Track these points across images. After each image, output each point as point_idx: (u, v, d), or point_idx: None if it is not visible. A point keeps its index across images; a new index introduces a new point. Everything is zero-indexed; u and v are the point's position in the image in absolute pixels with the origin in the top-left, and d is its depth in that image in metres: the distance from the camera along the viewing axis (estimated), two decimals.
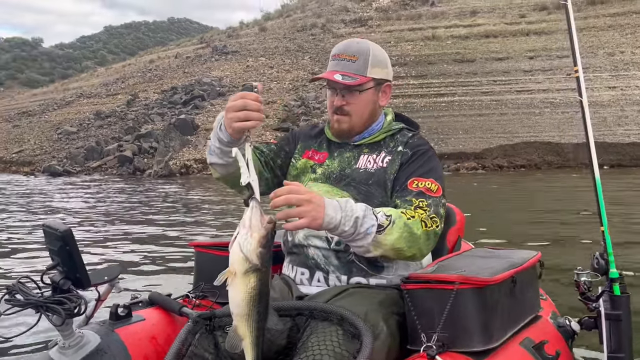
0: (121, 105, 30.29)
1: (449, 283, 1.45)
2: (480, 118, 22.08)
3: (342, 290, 1.60)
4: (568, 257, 5.39)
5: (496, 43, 28.58)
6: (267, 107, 26.19)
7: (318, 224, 1.39)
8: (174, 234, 7.64)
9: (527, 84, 24.43)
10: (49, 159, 25.77)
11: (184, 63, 36.25)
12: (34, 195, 14.43)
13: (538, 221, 8.26)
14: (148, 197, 13.07)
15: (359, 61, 1.70)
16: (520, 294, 1.67)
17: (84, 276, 1.52)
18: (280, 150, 1.89)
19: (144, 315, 1.83)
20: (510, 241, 6.51)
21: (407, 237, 1.49)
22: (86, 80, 45.55)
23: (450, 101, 23.73)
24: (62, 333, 1.56)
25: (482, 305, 1.46)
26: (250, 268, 1.30)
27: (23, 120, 35.03)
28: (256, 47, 34.85)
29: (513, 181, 15.79)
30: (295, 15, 41.28)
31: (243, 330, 1.33)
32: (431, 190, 1.61)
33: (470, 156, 19.83)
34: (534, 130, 20.58)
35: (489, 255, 1.84)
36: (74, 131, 28.39)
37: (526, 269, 1.72)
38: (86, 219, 9.48)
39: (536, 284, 1.88)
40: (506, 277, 1.54)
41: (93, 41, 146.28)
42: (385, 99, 1.81)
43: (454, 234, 2.09)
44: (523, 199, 11.78)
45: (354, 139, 1.78)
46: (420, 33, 31.20)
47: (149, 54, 49.75)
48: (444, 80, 25.74)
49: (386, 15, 34.99)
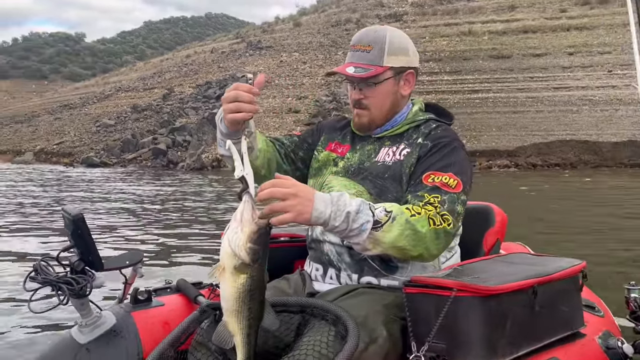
0: (157, 99, 30.95)
1: (446, 289, 1.33)
2: (514, 115, 21.63)
3: (351, 289, 1.55)
4: (620, 269, 4.90)
5: (534, 39, 27.92)
6: (299, 102, 26.30)
7: (305, 218, 1.32)
8: (209, 224, 7.83)
9: (566, 81, 23.80)
10: (87, 150, 26.58)
11: (219, 58, 36.73)
12: (74, 184, 14.92)
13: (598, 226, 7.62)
14: (181, 189, 13.36)
15: (374, 51, 1.61)
16: (546, 306, 1.48)
17: (97, 259, 1.56)
18: (303, 142, 1.83)
19: (164, 301, 1.84)
20: (578, 242, 5.97)
21: (410, 235, 1.39)
22: (125, 75, 46.71)
23: (485, 98, 23.33)
24: (80, 312, 1.62)
25: (484, 316, 1.32)
26: (239, 264, 1.26)
27: (64, 113, 36.20)
28: (290, 42, 35.02)
29: (565, 181, 14.91)
30: (330, 10, 41.29)
31: (233, 326, 1.30)
32: (448, 185, 1.48)
33: (502, 154, 19.47)
34: (570, 128, 20.06)
35: (521, 261, 1.66)
36: (112, 124, 29.18)
37: (557, 279, 1.52)
38: (123, 207, 9.77)
39: (576, 297, 1.64)
40: (519, 287, 1.38)
41: (133, 36, 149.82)
42: (409, 87, 1.68)
43: (492, 236, 1.92)
44: (590, 200, 11.07)
45: (375, 132, 1.69)
46: (456, 28, 30.76)
47: (186, 49, 50.65)
48: (478, 76, 25.31)
49: (422, 10, 34.63)
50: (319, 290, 1.63)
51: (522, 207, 9.78)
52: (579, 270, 1.62)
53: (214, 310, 1.57)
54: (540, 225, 7.72)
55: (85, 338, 1.61)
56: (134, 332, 1.67)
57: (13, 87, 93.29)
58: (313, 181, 1.73)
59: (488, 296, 1.31)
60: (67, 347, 1.63)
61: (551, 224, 7.94)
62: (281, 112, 25.68)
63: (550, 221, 8.23)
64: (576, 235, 6.84)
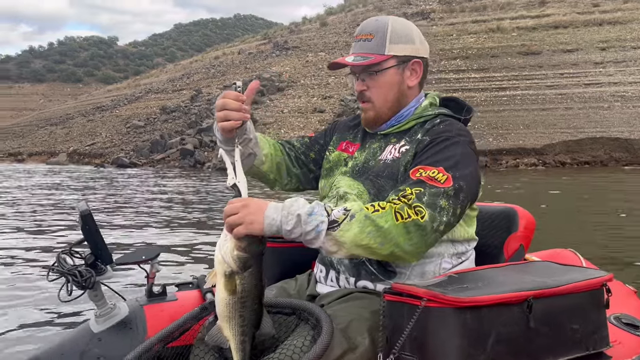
0: (185, 100, 31.44)
1: (417, 298, 1.25)
2: (543, 112, 21.19)
3: (346, 294, 1.52)
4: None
5: (565, 34, 27.29)
6: (324, 102, 26.33)
7: (258, 228, 1.29)
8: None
9: (597, 77, 23.19)
10: (117, 151, 27.20)
11: (246, 59, 37.08)
12: (105, 184, 15.30)
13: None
14: (208, 188, 13.57)
15: (375, 39, 1.54)
16: (547, 323, 1.33)
17: (105, 253, 1.67)
18: (314, 143, 1.80)
19: (180, 296, 1.88)
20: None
21: (373, 232, 1.30)
22: (155, 77, 47.58)
23: (512, 95, 22.92)
24: (95, 303, 1.72)
25: (458, 329, 1.22)
26: (229, 271, 1.27)
27: (96, 115, 37.11)
28: (316, 42, 35.10)
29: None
30: (357, 9, 41.21)
31: (227, 332, 1.31)
32: (436, 179, 1.37)
33: (530, 152, 19.11)
34: (601, 126, 19.55)
35: (536, 271, 1.49)
36: (141, 125, 29.77)
37: (561, 293, 1.35)
38: (153, 206, 10.00)
39: (595, 314, 1.44)
40: (504, 299, 1.25)
41: (164, 38, 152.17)
42: (416, 78, 1.58)
43: (515, 242, 1.77)
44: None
45: (381, 128, 1.61)
46: (484, 25, 30.29)
47: (214, 50, 51.29)
48: (506, 73, 24.89)
49: (449, 8, 34.21)
50: (320, 292, 1.62)
51: (579, 209, 9.11)
52: (599, 284, 1.42)
53: (215, 308, 1.57)
54: (601, 231, 7.00)
55: (98, 327, 1.71)
56: (142, 325, 1.73)
57: (49, 90, 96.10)
58: (324, 182, 1.70)
59: (462, 308, 1.21)
60: (82, 335, 1.72)
61: (612, 229, 7.19)
62: (306, 111, 25.77)
63: (611, 225, 7.48)
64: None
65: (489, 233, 1.80)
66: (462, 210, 1.42)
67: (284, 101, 27.49)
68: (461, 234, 1.52)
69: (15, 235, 6.95)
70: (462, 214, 1.44)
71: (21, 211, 9.48)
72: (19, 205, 10.32)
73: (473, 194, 1.46)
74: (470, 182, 1.42)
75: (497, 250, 1.76)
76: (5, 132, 48.40)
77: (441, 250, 1.49)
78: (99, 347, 1.66)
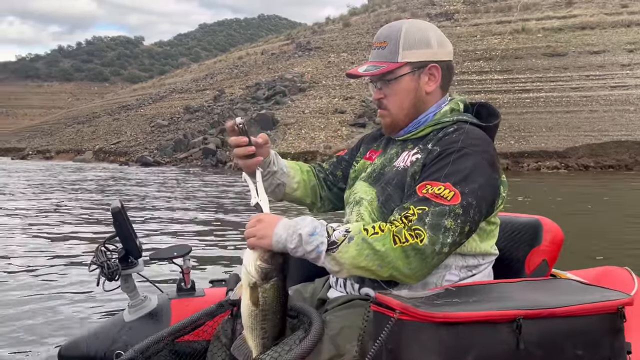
0: (209, 100, 31.78)
1: (391, 309, 1.21)
2: (566, 115, 20.87)
3: (347, 300, 1.53)
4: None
5: (592, 35, 26.82)
6: (345, 102, 26.36)
7: (267, 243, 1.34)
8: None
9: (624, 79, 22.74)
10: (141, 150, 27.64)
11: (269, 59, 37.29)
12: (129, 182, 15.62)
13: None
14: (230, 187, 13.73)
15: (389, 46, 1.52)
16: (541, 347, 1.23)
17: (134, 248, 1.80)
18: (341, 161, 1.82)
19: (207, 292, 1.94)
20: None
21: (370, 255, 1.29)
22: (180, 76, 48.16)
23: (536, 97, 22.63)
24: (128, 294, 1.86)
25: (432, 346, 1.17)
26: (252, 282, 1.32)
27: (122, 114, 37.76)
28: (339, 42, 35.12)
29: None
30: (380, 10, 41.07)
31: (250, 342, 1.35)
32: (442, 196, 1.33)
33: (552, 155, 18.84)
34: (626, 129, 19.16)
35: (548, 289, 1.39)
36: (165, 124, 30.22)
37: (559, 315, 1.24)
38: (178, 205, 10.19)
39: (608, 340, 1.31)
40: (484, 317, 1.18)
41: (189, 39, 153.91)
42: (434, 83, 1.53)
43: (537, 256, 1.68)
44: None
45: (399, 134, 1.59)
46: (509, 26, 29.93)
47: (238, 50, 51.66)
48: (530, 75, 24.57)
49: (474, 8, 33.90)
50: (329, 297, 1.64)
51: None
52: (614, 308, 1.27)
53: (231, 306, 1.59)
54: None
55: (130, 317, 1.85)
56: (167, 317, 1.84)
57: (77, 89, 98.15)
58: (348, 191, 1.68)
59: (437, 323, 1.16)
60: (115, 323, 1.86)
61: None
62: (327, 112, 25.83)
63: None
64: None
65: (511, 246, 1.74)
66: (473, 226, 1.37)
67: (305, 102, 27.60)
68: (472, 248, 1.46)
69: (62, 229, 7.22)
70: (474, 230, 1.38)
71: (64, 204, 9.89)
72: (61, 200, 10.73)
73: (486, 208, 1.40)
74: (481, 196, 1.36)
75: (519, 264, 1.69)
76: (34, 130, 49.65)
77: (448, 262, 1.43)
78: (127, 335, 1.78)
